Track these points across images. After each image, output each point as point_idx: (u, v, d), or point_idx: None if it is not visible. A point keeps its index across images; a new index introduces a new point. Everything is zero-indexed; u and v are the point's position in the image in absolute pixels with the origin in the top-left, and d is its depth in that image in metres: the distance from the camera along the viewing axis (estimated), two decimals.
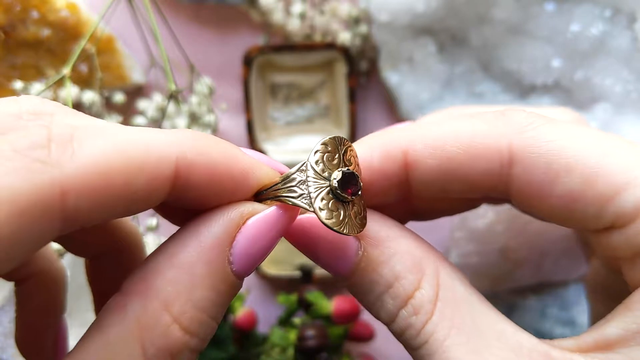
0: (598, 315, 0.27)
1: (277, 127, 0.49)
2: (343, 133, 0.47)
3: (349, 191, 0.19)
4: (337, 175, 0.20)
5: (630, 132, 0.42)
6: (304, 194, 0.20)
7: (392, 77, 0.46)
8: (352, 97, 0.46)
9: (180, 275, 0.18)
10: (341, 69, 0.46)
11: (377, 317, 0.21)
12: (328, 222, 0.19)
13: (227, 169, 0.19)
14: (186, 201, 0.19)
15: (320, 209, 0.19)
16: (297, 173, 0.20)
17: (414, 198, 0.25)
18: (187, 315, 0.18)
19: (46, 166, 0.15)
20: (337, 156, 0.20)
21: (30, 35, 0.43)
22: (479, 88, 0.46)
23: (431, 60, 0.45)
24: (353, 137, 0.47)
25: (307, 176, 0.20)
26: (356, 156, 0.21)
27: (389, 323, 0.21)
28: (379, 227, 0.21)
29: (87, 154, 0.15)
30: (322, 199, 0.19)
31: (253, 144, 0.47)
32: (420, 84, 0.45)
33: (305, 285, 0.45)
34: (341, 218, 0.19)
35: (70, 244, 0.24)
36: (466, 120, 0.21)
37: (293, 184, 0.20)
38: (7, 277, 0.24)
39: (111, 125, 0.17)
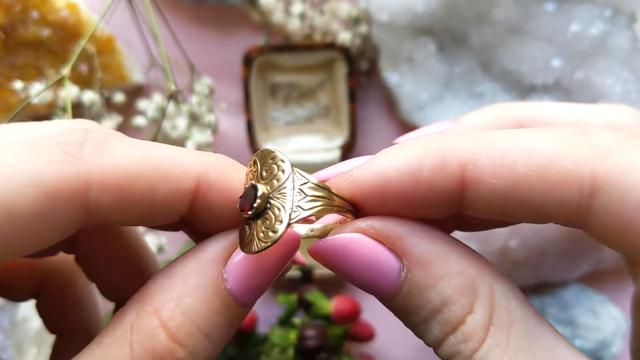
0: None
1: (277, 127, 0.49)
2: (343, 133, 0.47)
3: (246, 208, 0.18)
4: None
5: None
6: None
7: (392, 77, 0.46)
8: (352, 97, 0.46)
9: (173, 283, 0.18)
10: (341, 69, 0.46)
11: (420, 338, 0.19)
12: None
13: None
14: (201, 221, 0.19)
15: (239, 232, 0.19)
16: None
17: (465, 215, 0.22)
18: (175, 321, 0.18)
19: (76, 160, 0.16)
20: (255, 173, 0.19)
21: (30, 35, 0.43)
22: (479, 88, 0.46)
23: (431, 60, 0.45)
24: (353, 137, 0.47)
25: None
26: (280, 162, 0.19)
27: (433, 347, 0.19)
28: (424, 244, 0.18)
29: (116, 155, 0.17)
30: (243, 220, 0.19)
31: (253, 144, 0.47)
32: (420, 84, 0.45)
33: (305, 285, 0.45)
34: (247, 237, 0.18)
35: (104, 287, 0.26)
36: (542, 135, 0.18)
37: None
38: (52, 328, 0.26)
39: (144, 140, 0.19)
